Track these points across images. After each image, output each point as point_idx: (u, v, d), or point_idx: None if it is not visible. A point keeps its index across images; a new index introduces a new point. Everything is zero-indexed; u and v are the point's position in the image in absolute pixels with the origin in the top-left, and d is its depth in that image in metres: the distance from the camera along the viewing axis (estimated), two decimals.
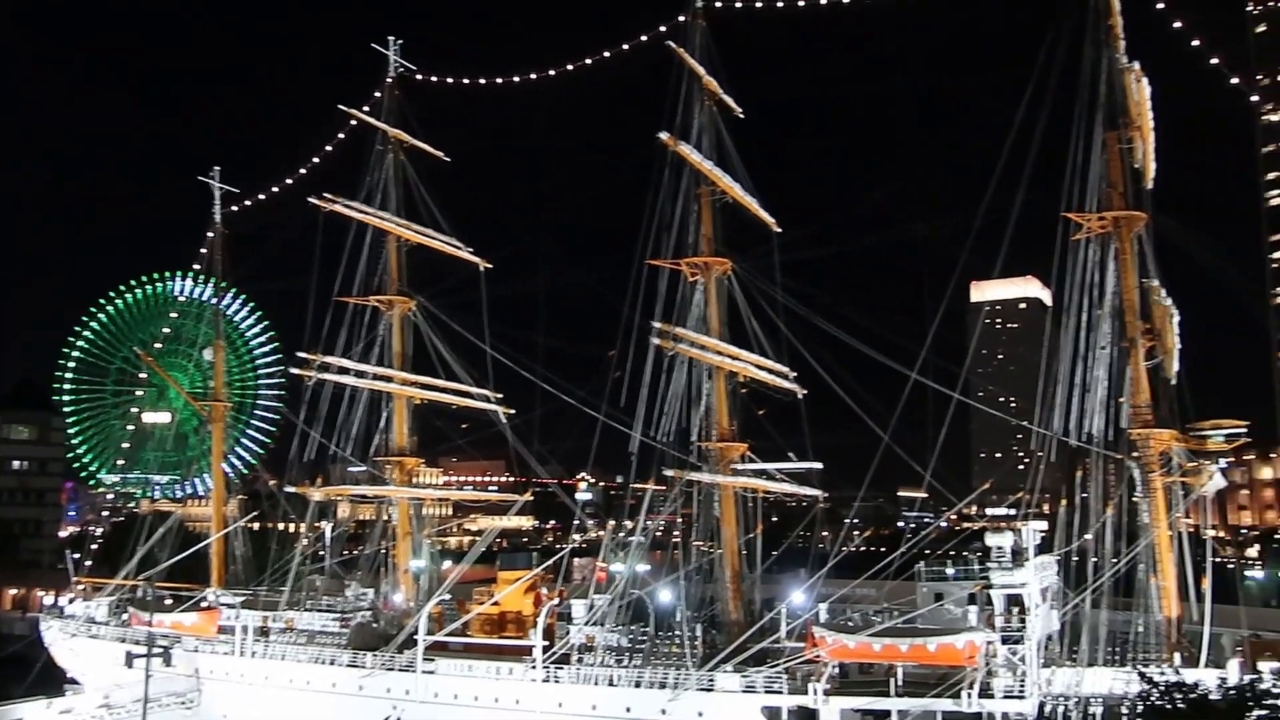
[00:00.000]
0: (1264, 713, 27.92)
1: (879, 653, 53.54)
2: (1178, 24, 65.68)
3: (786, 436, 70.25)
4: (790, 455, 69.12)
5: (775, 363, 67.69)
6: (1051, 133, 58.77)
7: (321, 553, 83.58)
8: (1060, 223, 59.01)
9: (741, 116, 72.08)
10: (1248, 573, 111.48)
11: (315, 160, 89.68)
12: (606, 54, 78.46)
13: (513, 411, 78.62)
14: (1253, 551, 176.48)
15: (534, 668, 60.76)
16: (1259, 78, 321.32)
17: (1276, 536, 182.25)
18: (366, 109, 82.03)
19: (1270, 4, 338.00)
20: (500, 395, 77.80)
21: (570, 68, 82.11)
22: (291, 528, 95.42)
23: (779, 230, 70.44)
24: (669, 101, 67.27)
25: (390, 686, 64.14)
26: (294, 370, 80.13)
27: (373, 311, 79.56)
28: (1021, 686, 50.79)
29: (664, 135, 65.50)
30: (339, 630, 73.10)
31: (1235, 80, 71.75)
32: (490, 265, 80.00)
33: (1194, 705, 28.14)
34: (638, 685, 57.47)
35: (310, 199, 77.01)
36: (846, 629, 55.65)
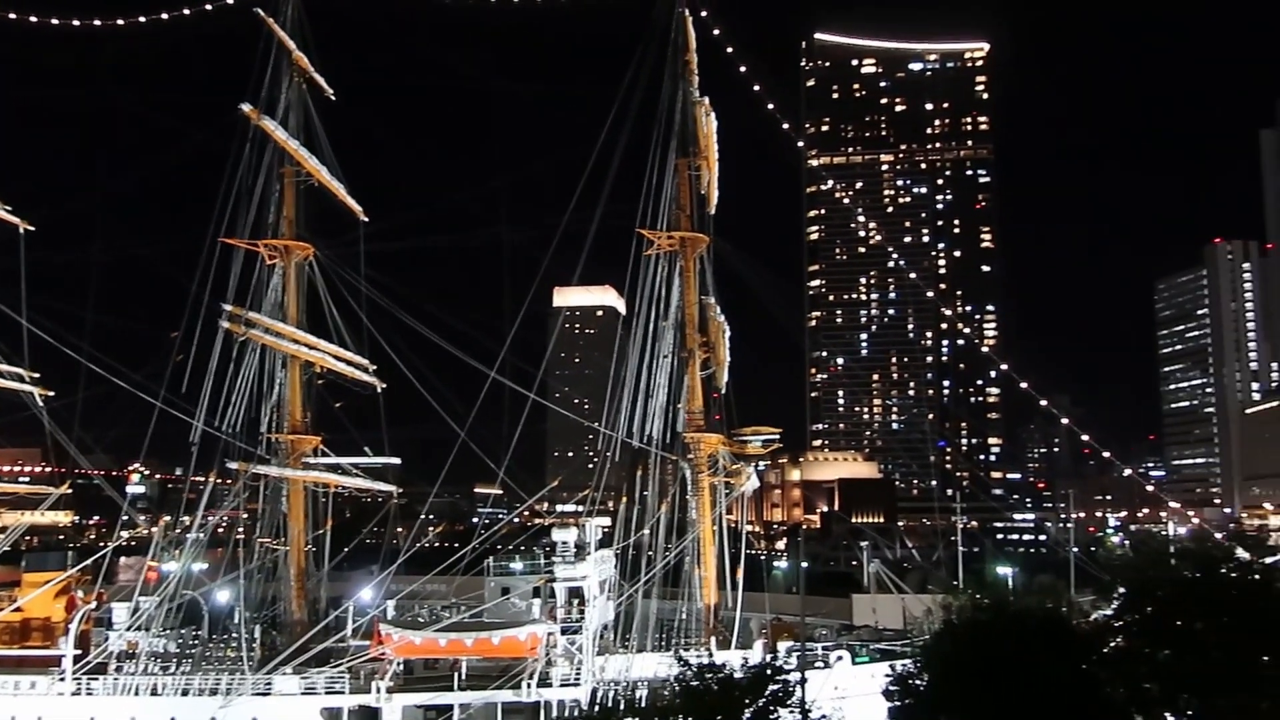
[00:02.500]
0: (777, 687, 31.80)
1: (445, 648, 54.05)
2: (743, 68, 72.75)
3: (364, 430, 68.83)
4: (366, 450, 67.80)
5: (355, 354, 66.07)
6: (632, 153, 62.77)
7: None
8: (634, 238, 63.11)
9: (333, 98, 69.67)
10: (776, 563, 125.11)
11: None
12: (186, 10, 72.57)
13: (52, 393, 70.02)
14: (781, 544, 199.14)
15: (62, 679, 54.56)
16: (807, 126, 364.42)
17: (801, 531, 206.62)
18: None
19: (819, 63, 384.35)
20: (38, 375, 68.99)
21: (143, 19, 74.96)
22: None
23: (366, 219, 68.85)
24: (255, 73, 63.56)
25: None
26: None
27: None
28: (577, 675, 53.58)
29: (246, 107, 61.74)
30: None
31: (786, 125, 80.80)
32: (32, 227, 70.71)
33: (722, 684, 31.33)
34: (185, 693, 53.52)
35: None
36: (413, 625, 55.59)
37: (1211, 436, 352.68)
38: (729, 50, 70.12)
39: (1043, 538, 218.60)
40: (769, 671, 32.86)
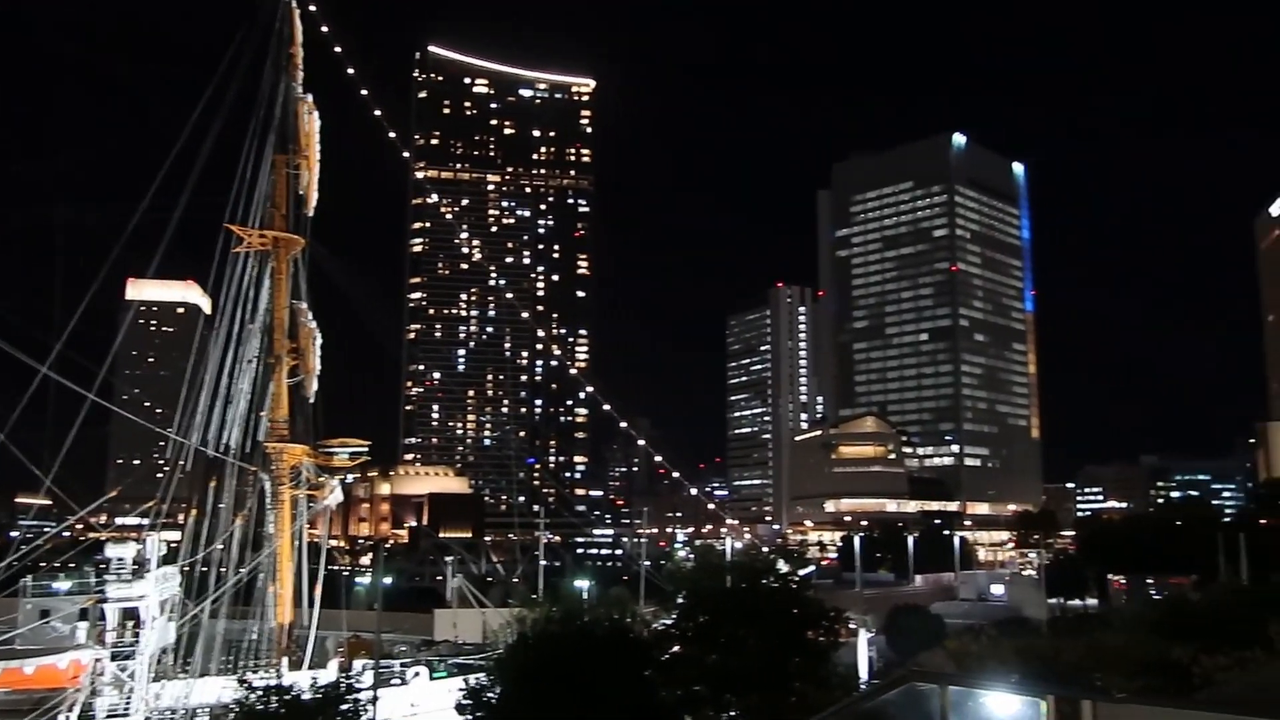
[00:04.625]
0: (348, 706, 31.03)
1: None
2: (351, 70, 70.83)
3: None
4: None
5: None
6: (228, 144, 58.82)
7: None
8: (222, 233, 59.17)
9: None
10: (358, 579, 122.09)
11: None
12: None
13: None
14: (367, 559, 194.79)
15: None
16: (416, 138, 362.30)
17: (387, 545, 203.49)
18: None
19: (432, 76, 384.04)
20: None
21: None
22: None
23: None
24: None
25: None
26: None
27: None
28: (128, 704, 48.88)
29: None
30: None
31: (393, 134, 79.69)
32: None
33: (288, 706, 30.02)
34: None
35: None
36: None
37: (767, 460, 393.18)
38: (338, 50, 68.03)
39: (619, 552, 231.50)
40: (341, 690, 31.99)
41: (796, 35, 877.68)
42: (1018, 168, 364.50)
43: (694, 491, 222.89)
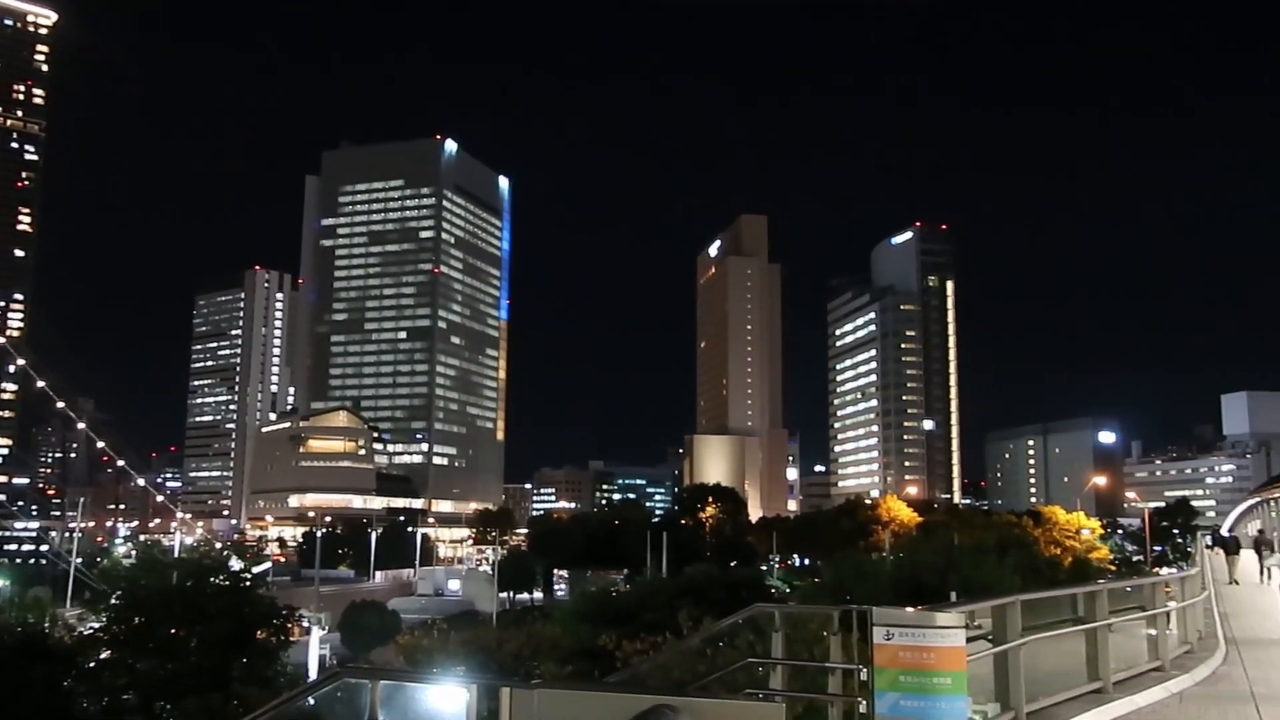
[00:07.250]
0: None
1: None
2: None
3: None
4: None
5: None
6: None
7: None
8: None
9: None
10: None
11: None
12: None
13: None
14: None
15: None
16: None
17: None
18: None
19: None
20: None
21: None
22: None
23: None
24: None
25: None
26: None
27: None
28: None
29: None
30: None
31: None
32: None
33: None
34: None
35: None
36: None
37: (229, 451, 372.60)
38: None
39: (45, 548, 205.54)
40: None
41: (308, 8, 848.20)
42: (503, 181, 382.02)
43: (141, 482, 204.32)
